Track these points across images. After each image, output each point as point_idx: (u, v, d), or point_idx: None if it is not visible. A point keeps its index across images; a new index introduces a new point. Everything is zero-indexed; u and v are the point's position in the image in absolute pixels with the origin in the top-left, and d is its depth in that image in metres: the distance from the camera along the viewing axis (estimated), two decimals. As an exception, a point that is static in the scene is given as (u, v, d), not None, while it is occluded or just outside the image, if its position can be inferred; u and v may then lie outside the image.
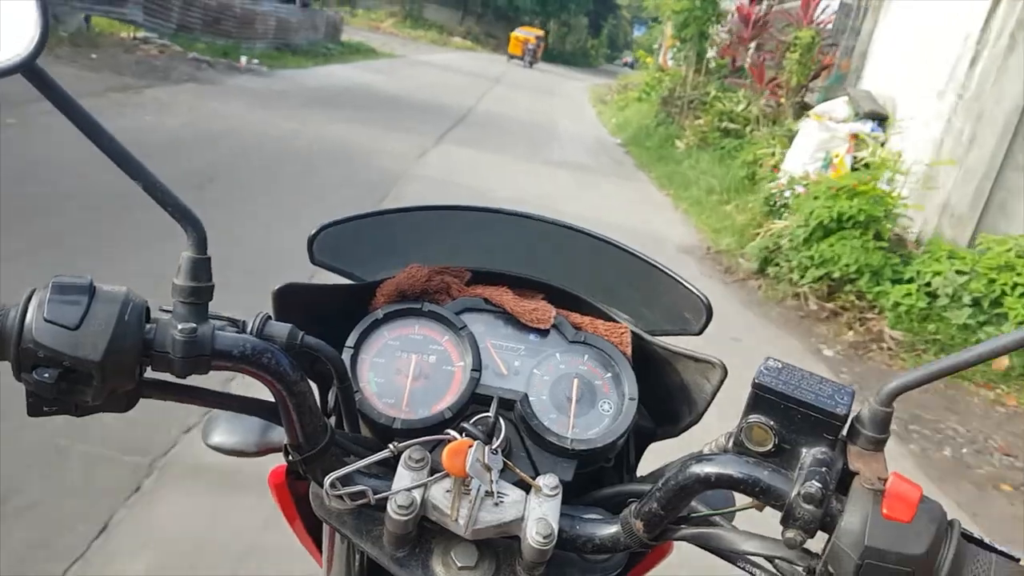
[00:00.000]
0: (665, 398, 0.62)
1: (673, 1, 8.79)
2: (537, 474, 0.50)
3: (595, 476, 0.59)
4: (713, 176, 6.28)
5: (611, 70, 42.18)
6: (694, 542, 0.47)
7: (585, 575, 0.50)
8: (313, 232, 0.63)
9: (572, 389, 0.59)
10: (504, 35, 30.93)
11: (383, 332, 0.60)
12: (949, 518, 0.40)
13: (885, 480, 0.40)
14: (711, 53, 9.26)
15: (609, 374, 0.60)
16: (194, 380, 0.42)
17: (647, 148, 8.68)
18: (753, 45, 7.97)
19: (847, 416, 0.42)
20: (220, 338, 0.41)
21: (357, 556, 0.55)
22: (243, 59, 8.79)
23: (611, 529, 0.48)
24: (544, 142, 8.18)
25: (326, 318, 0.59)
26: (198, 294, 0.41)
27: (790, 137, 5.60)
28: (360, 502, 0.47)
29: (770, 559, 0.44)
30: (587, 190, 5.68)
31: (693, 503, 0.48)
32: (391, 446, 0.48)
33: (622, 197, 5.75)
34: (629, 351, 0.62)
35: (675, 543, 0.52)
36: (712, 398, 0.58)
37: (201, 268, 0.40)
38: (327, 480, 0.46)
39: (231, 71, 7.81)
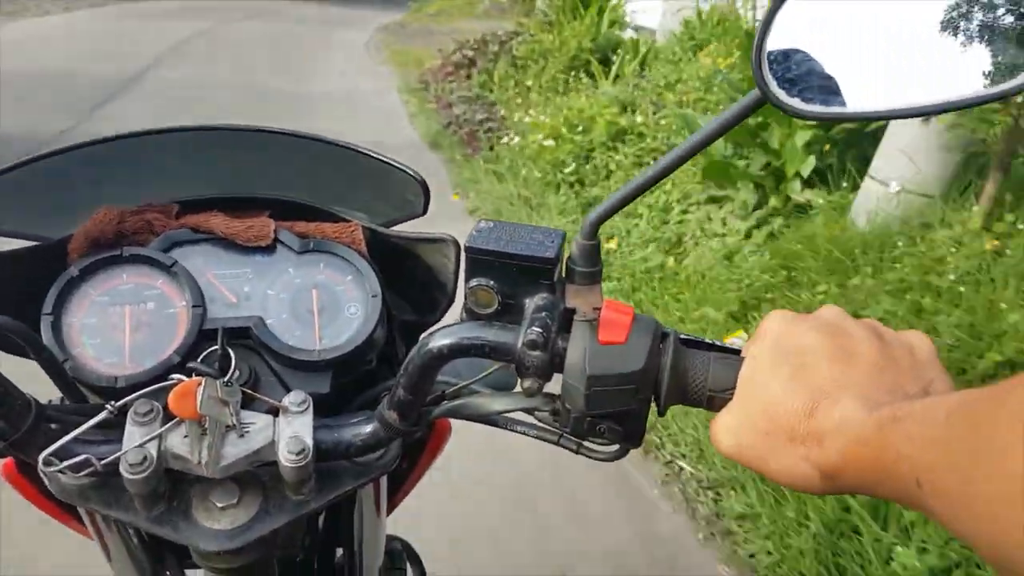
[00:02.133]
0: (417, 286, 0.60)
1: None
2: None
3: (366, 381, 0.57)
4: None
5: None
6: (451, 416, 0.47)
7: (359, 479, 0.49)
8: None
9: (312, 300, 0.55)
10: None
11: (87, 289, 0.53)
12: (666, 329, 0.42)
13: (599, 309, 0.41)
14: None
15: (349, 276, 0.57)
16: None
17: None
18: None
19: (557, 258, 0.42)
20: None
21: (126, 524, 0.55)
22: None
23: (368, 427, 0.47)
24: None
25: (24, 288, 0.53)
26: None
27: None
28: (87, 471, 0.43)
29: (525, 411, 0.45)
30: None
31: (449, 378, 0.48)
32: (108, 405, 0.44)
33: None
34: (364, 248, 0.59)
35: (452, 421, 0.54)
36: (456, 274, 0.56)
37: None
38: (40, 458, 0.43)
39: None
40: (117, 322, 0.52)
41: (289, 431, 0.45)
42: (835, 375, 0.34)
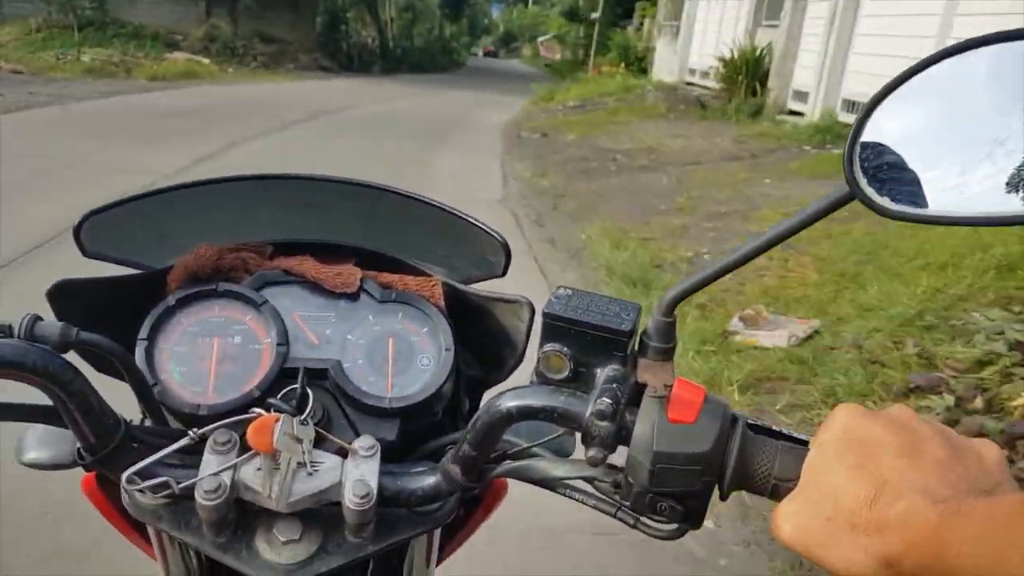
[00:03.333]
0: (488, 343, 0.85)
1: None
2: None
3: (430, 431, 0.80)
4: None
5: (486, 67, 35.18)
6: (512, 476, 0.69)
7: (416, 527, 0.71)
8: (77, 222, 0.81)
9: (388, 349, 0.82)
10: (297, 36, 23.47)
11: (180, 319, 0.80)
12: (735, 413, 0.60)
13: (670, 387, 0.60)
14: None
15: (425, 328, 0.83)
16: None
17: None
18: None
19: (632, 331, 0.62)
20: None
21: (190, 547, 0.72)
22: None
23: (431, 479, 0.69)
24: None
25: (121, 312, 0.79)
26: None
27: None
28: (164, 493, 0.65)
29: (585, 480, 0.65)
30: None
31: (512, 439, 0.70)
32: (191, 432, 0.65)
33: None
34: (442, 303, 0.84)
35: (509, 481, 0.75)
36: (528, 336, 0.79)
37: None
38: (124, 476, 0.63)
39: None
40: (205, 353, 0.76)
41: (356, 474, 0.64)
42: (901, 467, 0.49)
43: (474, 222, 0.87)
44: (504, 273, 0.88)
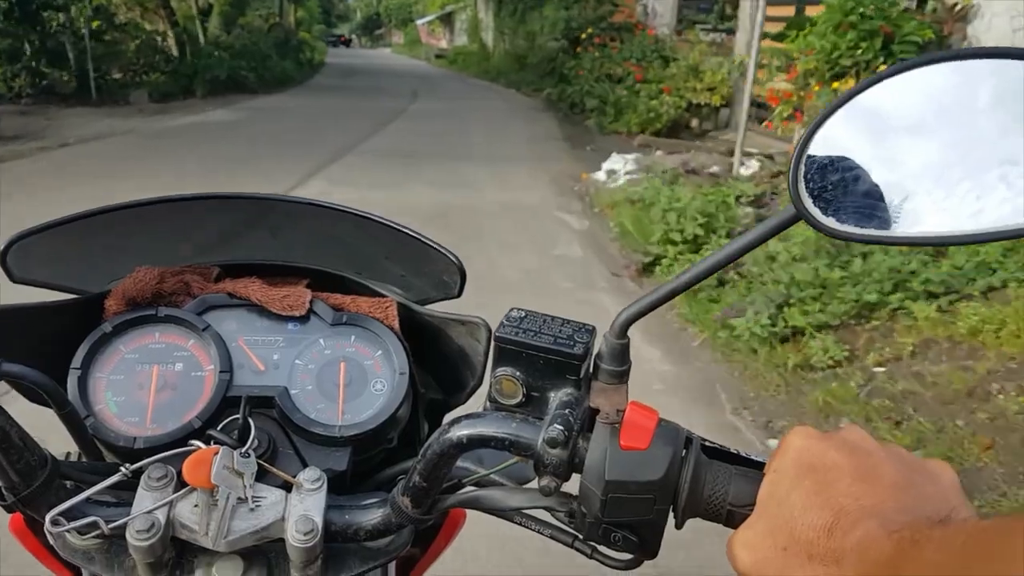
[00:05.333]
0: (447, 366, 0.84)
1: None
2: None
3: (385, 459, 0.79)
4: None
5: (355, 66, 26.34)
6: (465, 507, 0.67)
7: (367, 562, 0.69)
8: (3, 246, 0.78)
9: (339, 374, 0.80)
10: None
11: (117, 346, 0.77)
12: (688, 436, 0.58)
13: (623, 411, 0.59)
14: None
15: (379, 352, 0.81)
16: None
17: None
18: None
19: (585, 355, 0.61)
20: None
21: None
22: None
23: (381, 512, 0.67)
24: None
25: (57, 340, 0.76)
26: None
27: None
28: (93, 534, 0.62)
29: (543, 509, 0.64)
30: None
31: (467, 466, 0.69)
32: (124, 467, 0.63)
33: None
34: (396, 325, 0.82)
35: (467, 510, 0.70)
36: (486, 357, 0.77)
37: None
38: (48, 517, 0.60)
39: None
40: (143, 381, 0.73)
41: (300, 509, 0.62)
42: (857, 493, 0.49)
43: (429, 242, 0.85)
44: (459, 294, 0.87)
